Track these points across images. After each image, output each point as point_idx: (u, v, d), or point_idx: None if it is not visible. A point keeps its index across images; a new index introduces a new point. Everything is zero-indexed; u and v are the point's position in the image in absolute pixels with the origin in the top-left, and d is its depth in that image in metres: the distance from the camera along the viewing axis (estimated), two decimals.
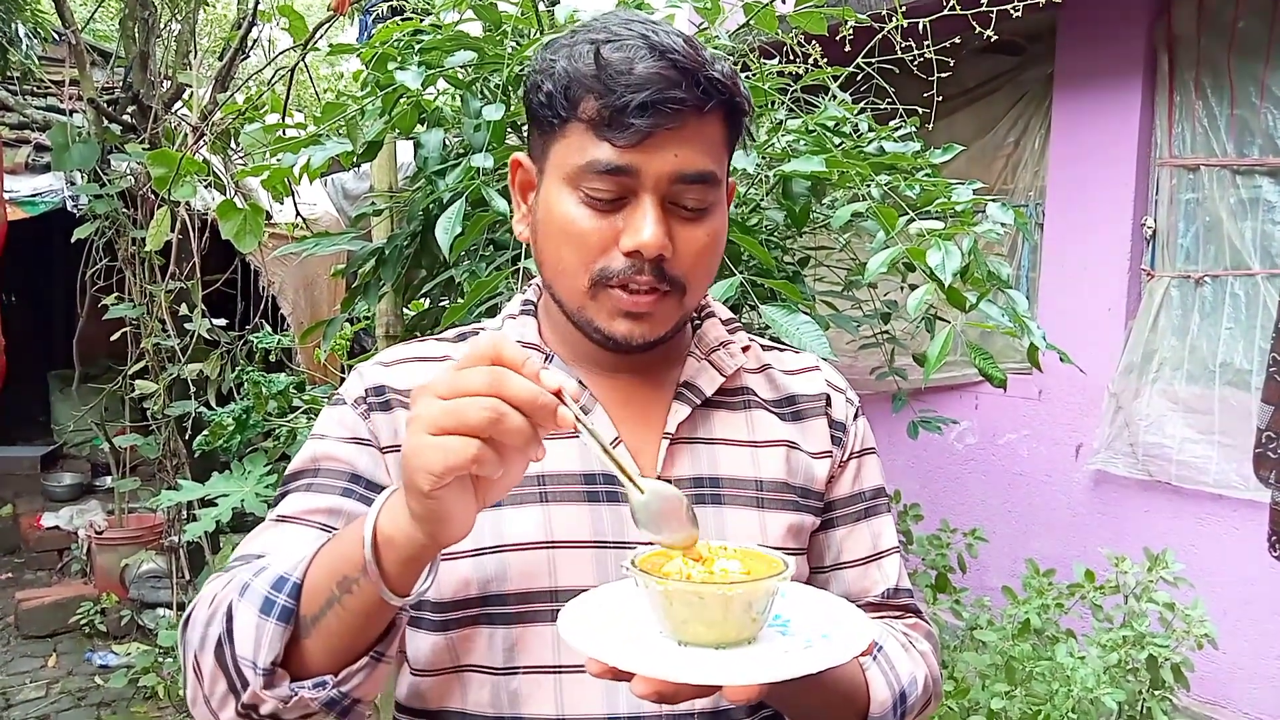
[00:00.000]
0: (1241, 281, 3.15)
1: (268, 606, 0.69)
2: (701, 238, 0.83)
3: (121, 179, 4.01)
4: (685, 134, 0.79)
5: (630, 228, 0.80)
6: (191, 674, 0.74)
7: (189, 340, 3.67)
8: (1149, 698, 2.24)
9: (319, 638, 0.69)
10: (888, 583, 0.97)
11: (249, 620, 0.69)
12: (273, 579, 0.70)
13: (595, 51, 0.79)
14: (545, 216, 0.85)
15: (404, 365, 0.91)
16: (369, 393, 0.88)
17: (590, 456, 0.85)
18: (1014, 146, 3.82)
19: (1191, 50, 3.22)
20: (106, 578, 4.46)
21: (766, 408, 0.94)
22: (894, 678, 0.87)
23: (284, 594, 0.69)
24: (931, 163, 1.83)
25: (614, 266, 0.81)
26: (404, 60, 1.61)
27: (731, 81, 0.82)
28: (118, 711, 3.63)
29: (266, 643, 0.68)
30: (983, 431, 3.89)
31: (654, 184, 0.80)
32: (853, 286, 2.17)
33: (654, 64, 0.77)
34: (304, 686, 0.69)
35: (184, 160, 1.95)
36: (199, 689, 0.73)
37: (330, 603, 0.68)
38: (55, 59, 4.87)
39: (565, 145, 0.82)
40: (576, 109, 0.80)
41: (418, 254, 1.81)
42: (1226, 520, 3.15)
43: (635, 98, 0.77)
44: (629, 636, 0.67)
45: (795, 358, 1.02)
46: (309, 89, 4.86)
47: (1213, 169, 3.21)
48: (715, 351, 0.93)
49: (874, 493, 0.98)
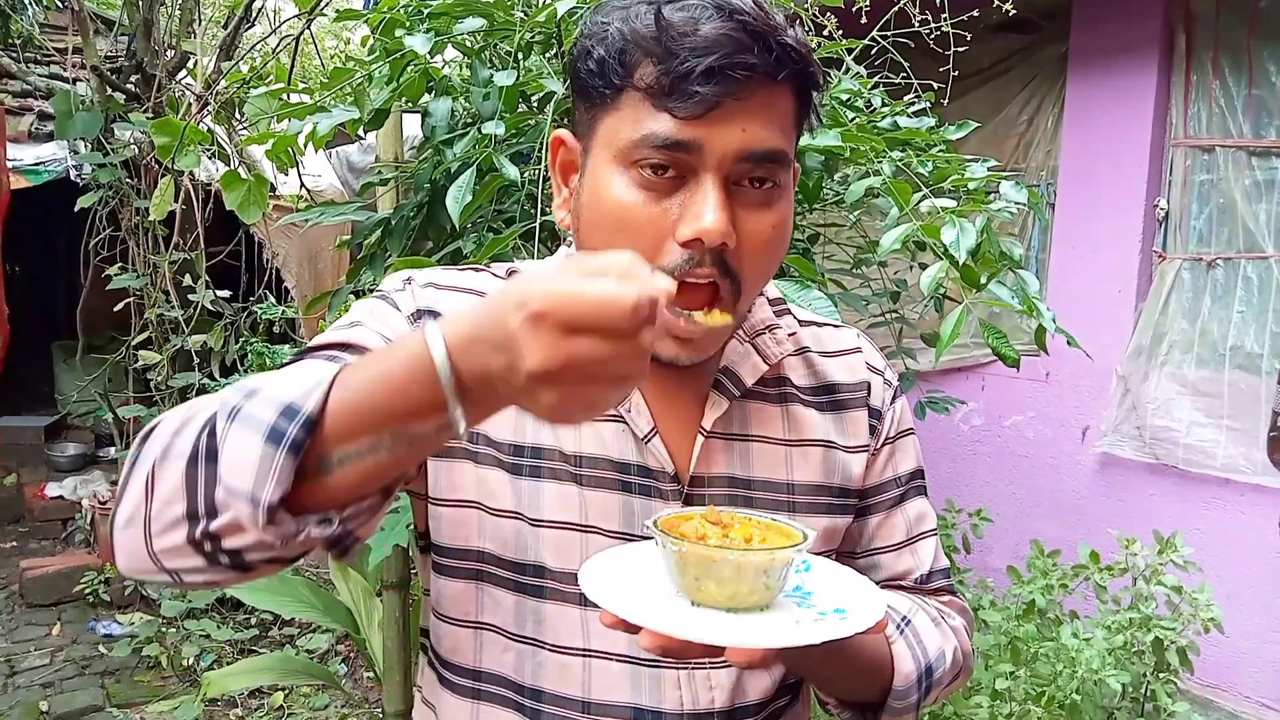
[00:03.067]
0: (1254, 264, 3.12)
1: (275, 436, 0.57)
2: (767, 228, 0.75)
3: (125, 148, 3.99)
4: (754, 105, 0.71)
5: (689, 213, 0.72)
6: (135, 489, 0.63)
7: (193, 311, 3.65)
8: (1153, 680, 2.24)
9: (339, 477, 0.59)
10: (921, 568, 0.95)
11: (248, 446, 0.58)
12: (278, 405, 0.58)
13: (656, 11, 0.71)
14: (592, 200, 0.77)
15: (457, 294, 0.83)
16: (422, 313, 0.80)
17: (626, 444, 0.83)
18: (1027, 125, 3.77)
19: (1210, 29, 3.17)
20: (110, 548, 4.47)
21: (804, 401, 0.90)
22: (920, 651, 0.86)
23: (296, 424, 0.57)
24: (945, 139, 1.80)
25: (670, 263, 0.73)
26: (412, 26, 1.58)
27: (806, 50, 0.74)
28: (121, 680, 3.65)
29: (274, 475, 0.57)
30: (989, 413, 3.87)
31: (718, 162, 0.72)
32: (862, 264, 2.15)
33: (722, 25, 0.69)
34: (310, 523, 0.59)
35: (188, 129, 1.93)
36: (142, 506, 0.63)
37: (374, 449, 0.58)
38: (59, 26, 4.83)
39: (617, 118, 0.74)
40: (632, 76, 0.72)
41: (424, 225, 1.79)
42: (1233, 504, 3.13)
43: (701, 62, 0.68)
44: (644, 593, 0.68)
45: (835, 335, 0.96)
46: (314, 59, 4.82)
47: (1228, 150, 3.17)
48: (761, 335, 0.89)
49: (910, 475, 0.95)
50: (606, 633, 0.78)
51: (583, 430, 0.82)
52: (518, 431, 0.82)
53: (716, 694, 0.82)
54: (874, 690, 0.84)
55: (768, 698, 0.86)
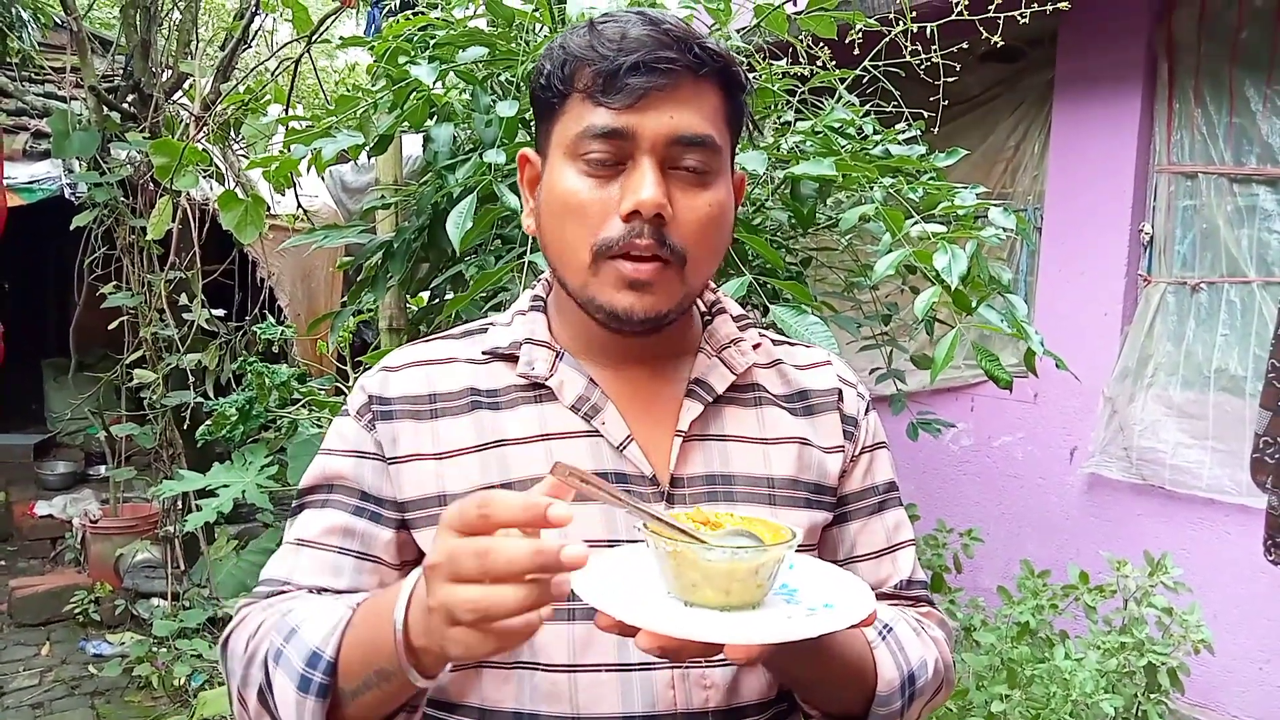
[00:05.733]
0: (1237, 289, 3.18)
1: (305, 684, 0.74)
2: (702, 206, 0.83)
3: (121, 167, 4.01)
4: (681, 96, 0.81)
5: (628, 190, 0.80)
6: (236, 702, 0.82)
7: (188, 330, 3.67)
8: (1145, 701, 2.27)
9: (357, 708, 0.75)
10: (901, 575, 0.97)
11: (288, 693, 0.75)
12: (306, 654, 0.75)
13: (589, 25, 0.82)
14: (548, 196, 0.85)
15: (409, 370, 0.91)
16: (373, 400, 0.89)
17: (604, 455, 0.86)
18: (1014, 151, 3.84)
19: (1192, 58, 3.24)
20: (101, 567, 4.45)
21: (778, 403, 0.94)
22: (903, 659, 0.87)
23: (319, 671, 0.74)
24: (935, 166, 1.84)
25: (614, 235, 0.81)
26: (415, 55, 1.62)
27: (727, 54, 0.83)
28: (111, 700, 3.63)
29: (309, 715, 0.74)
30: (978, 433, 3.91)
31: (650, 145, 0.80)
32: (853, 288, 2.19)
33: (646, 29, 0.80)
34: None
35: (186, 150, 1.95)
36: (244, 714, 0.81)
37: (367, 685, 0.73)
38: (56, 46, 4.86)
39: (565, 121, 0.83)
40: (574, 83, 0.82)
41: (425, 248, 1.81)
42: (1219, 525, 3.17)
43: (628, 59, 0.79)
44: (638, 595, 0.69)
45: (806, 352, 1.01)
46: (309, 80, 4.86)
47: (1210, 177, 3.23)
48: (726, 349, 0.93)
49: (886, 486, 0.99)
50: (593, 645, 0.80)
51: (555, 450, 0.85)
52: (485, 474, 0.85)
53: (711, 694, 0.83)
54: (858, 697, 0.85)
55: (766, 700, 0.86)
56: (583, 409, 0.87)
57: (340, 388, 2.47)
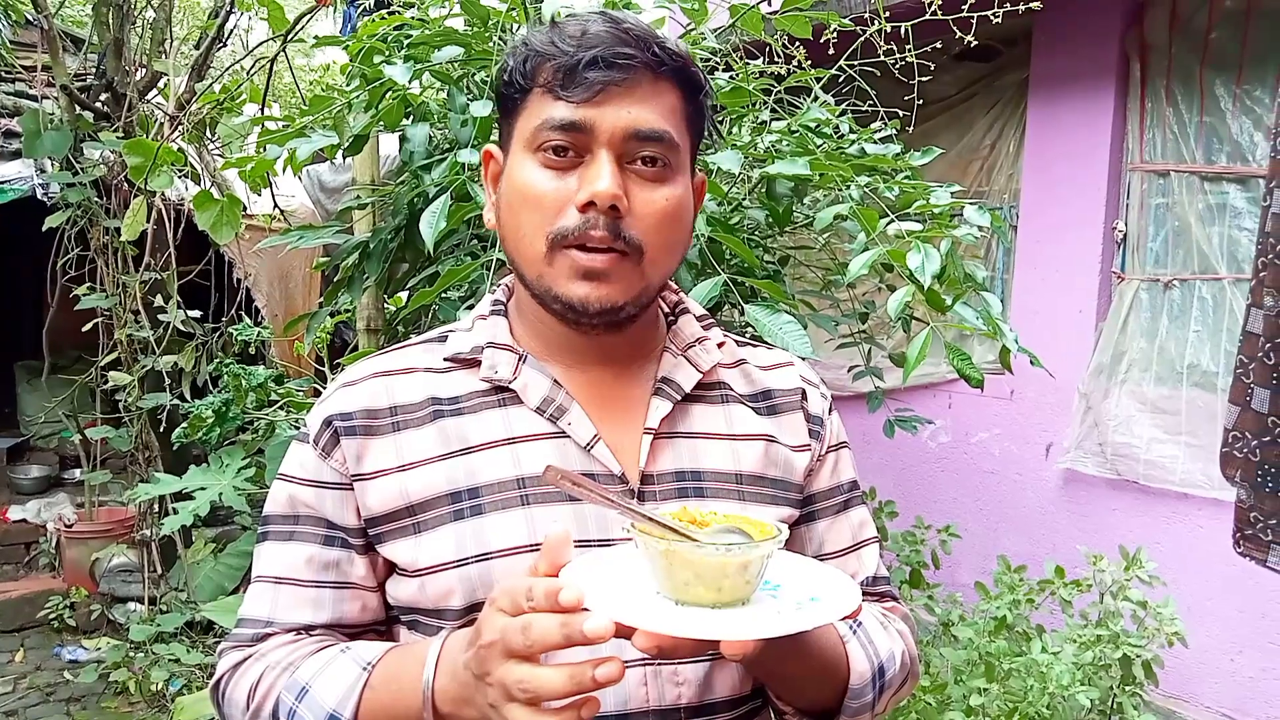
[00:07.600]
0: (1209, 285, 3.22)
1: None
2: (659, 200, 0.84)
3: (94, 167, 3.96)
4: (639, 93, 0.82)
5: (585, 181, 0.81)
6: None
7: (163, 332, 3.63)
8: (1120, 693, 2.29)
9: None
10: (867, 571, 0.99)
11: None
12: (323, 716, 0.78)
13: (551, 23, 0.85)
14: (507, 189, 0.86)
15: (368, 383, 0.90)
16: (333, 419, 0.88)
17: (569, 455, 0.86)
18: (989, 150, 3.87)
19: (1163, 58, 3.28)
20: (76, 571, 4.40)
21: (743, 402, 0.95)
22: (873, 652, 0.88)
23: None
24: (911, 165, 1.85)
25: (569, 225, 0.81)
26: (390, 55, 1.61)
27: (686, 55, 0.85)
28: (87, 707, 3.60)
29: None
30: (955, 430, 3.94)
31: (608, 139, 0.81)
32: (831, 286, 2.20)
33: (606, 27, 0.82)
34: None
35: (161, 150, 1.93)
36: None
37: None
38: (26, 44, 4.79)
39: (526, 115, 0.85)
40: (535, 78, 0.84)
41: (401, 248, 1.81)
42: (1192, 518, 3.21)
43: (587, 54, 0.80)
44: (629, 595, 0.70)
45: (770, 353, 1.03)
46: (285, 80, 4.82)
47: (1182, 175, 3.27)
48: (691, 348, 0.94)
49: (850, 485, 1.01)
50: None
51: (521, 453, 0.85)
52: (452, 482, 0.85)
53: (683, 690, 0.83)
54: (831, 692, 0.86)
55: (737, 696, 0.87)
56: (548, 410, 0.87)
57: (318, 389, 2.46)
